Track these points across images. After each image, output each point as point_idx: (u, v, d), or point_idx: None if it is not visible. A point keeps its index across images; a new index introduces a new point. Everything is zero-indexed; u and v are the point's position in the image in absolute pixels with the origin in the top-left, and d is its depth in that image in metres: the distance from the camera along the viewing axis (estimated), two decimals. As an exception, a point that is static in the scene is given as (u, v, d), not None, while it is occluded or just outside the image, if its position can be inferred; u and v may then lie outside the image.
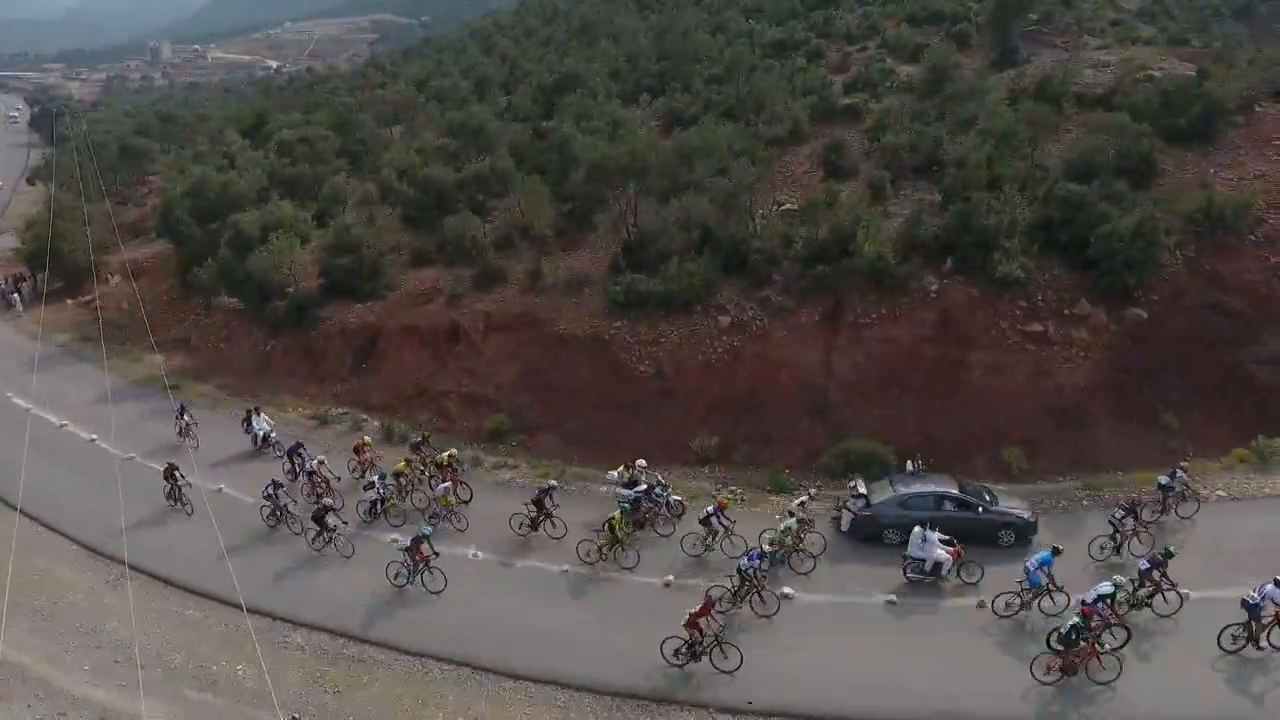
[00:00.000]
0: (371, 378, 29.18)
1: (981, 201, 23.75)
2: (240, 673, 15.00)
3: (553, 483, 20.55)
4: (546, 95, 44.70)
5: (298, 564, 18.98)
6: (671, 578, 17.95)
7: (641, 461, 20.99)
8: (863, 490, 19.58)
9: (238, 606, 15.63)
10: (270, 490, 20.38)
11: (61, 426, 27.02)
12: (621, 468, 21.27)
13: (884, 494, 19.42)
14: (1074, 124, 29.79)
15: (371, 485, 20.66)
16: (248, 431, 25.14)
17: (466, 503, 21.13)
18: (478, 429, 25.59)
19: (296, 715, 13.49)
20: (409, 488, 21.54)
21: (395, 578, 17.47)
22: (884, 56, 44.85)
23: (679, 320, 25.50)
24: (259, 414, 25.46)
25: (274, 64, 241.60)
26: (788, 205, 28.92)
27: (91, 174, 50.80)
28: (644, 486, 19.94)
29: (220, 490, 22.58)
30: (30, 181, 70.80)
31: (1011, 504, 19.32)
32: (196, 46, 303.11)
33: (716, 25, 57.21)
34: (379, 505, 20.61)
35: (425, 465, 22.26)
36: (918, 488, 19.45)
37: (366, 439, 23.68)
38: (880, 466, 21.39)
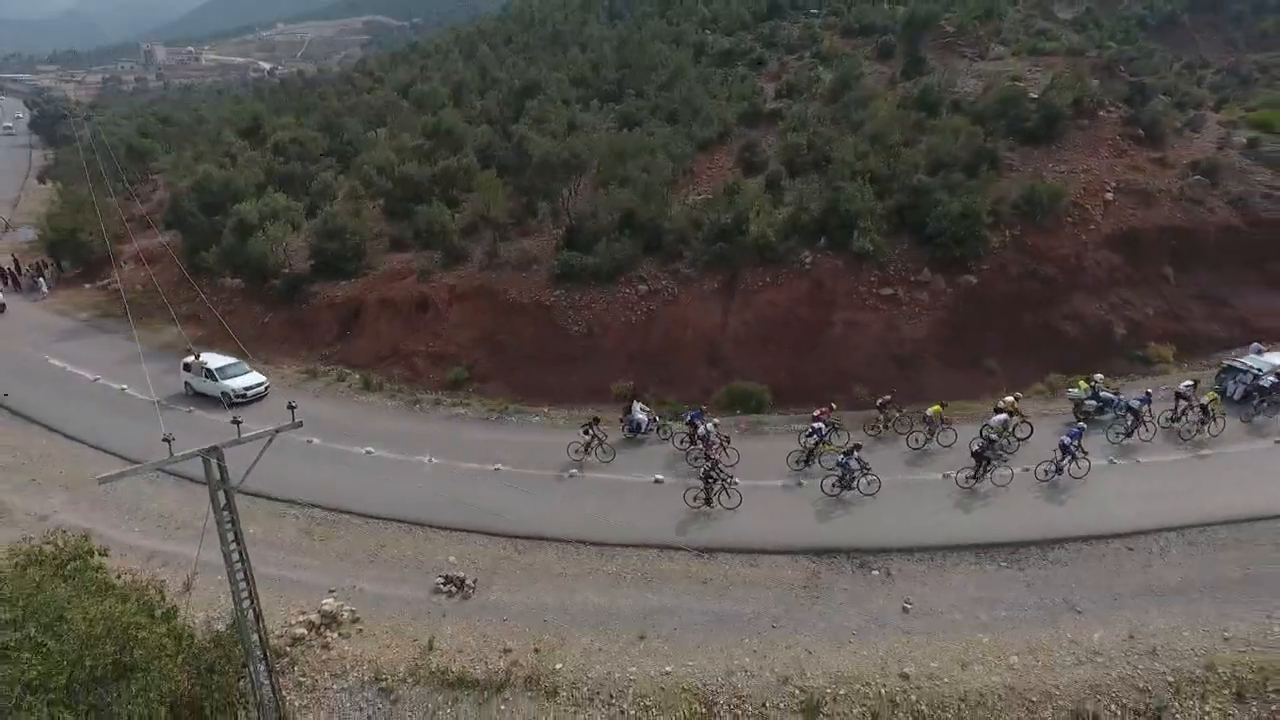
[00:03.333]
0: (354, 342, 34.57)
1: (846, 190, 29.35)
2: (251, 533, 20.39)
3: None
4: (515, 99, 50.16)
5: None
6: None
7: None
8: (1248, 364, 25.02)
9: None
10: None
11: (95, 380, 32.35)
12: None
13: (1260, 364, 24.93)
14: (942, 127, 35.39)
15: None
16: (625, 418, 25.66)
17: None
18: (441, 380, 31.01)
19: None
20: None
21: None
22: (815, 65, 50.49)
23: (606, 289, 31.01)
24: (636, 403, 26.06)
25: (267, 66, 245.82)
26: (703, 195, 34.48)
27: (102, 173, 55.97)
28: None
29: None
30: (41, 180, 75.89)
31: None
32: (190, 48, 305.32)
33: (675, 36, 62.58)
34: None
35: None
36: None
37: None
38: (758, 399, 27.02)
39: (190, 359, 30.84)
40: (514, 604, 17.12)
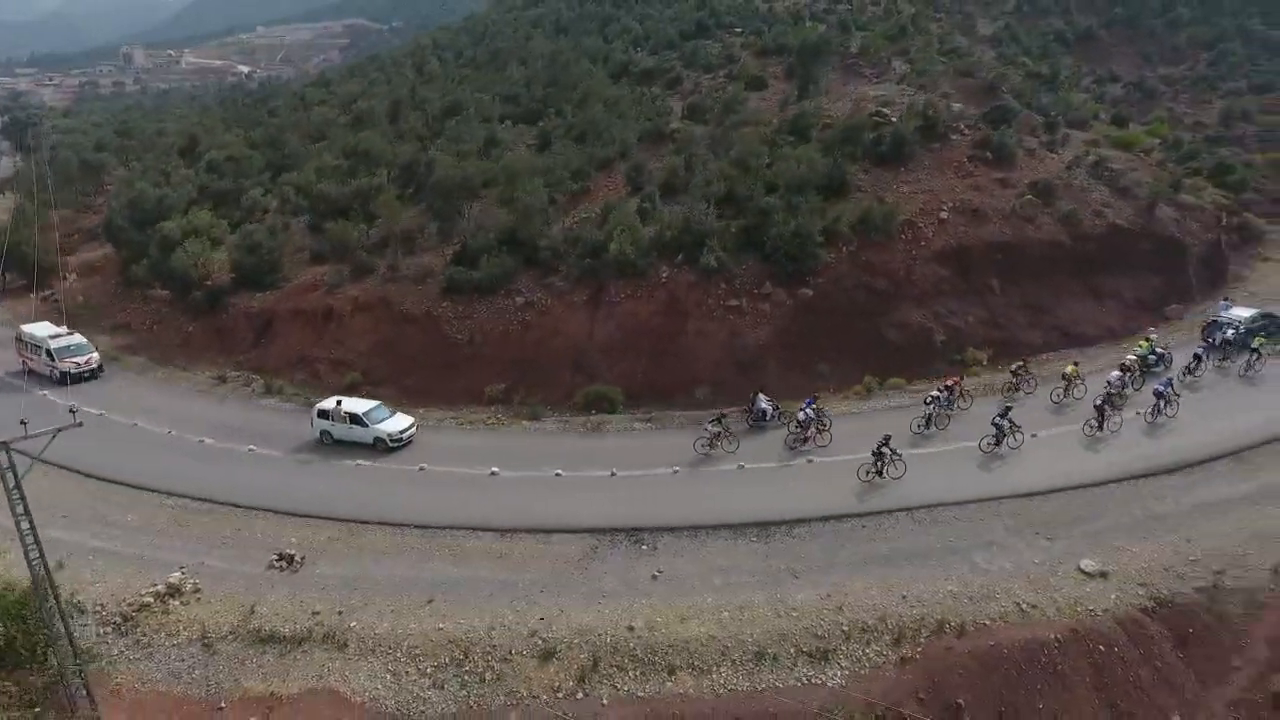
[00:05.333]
0: (267, 349, 37.59)
1: (695, 212, 32.59)
2: (130, 520, 23.47)
3: None
4: (440, 118, 53.20)
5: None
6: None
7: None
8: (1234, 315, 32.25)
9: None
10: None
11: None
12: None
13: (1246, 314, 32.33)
14: (787, 153, 38.32)
15: None
16: (751, 409, 28.20)
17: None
18: (338, 384, 34.04)
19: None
20: None
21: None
22: (725, 85, 53.65)
23: (488, 301, 34.14)
24: (759, 394, 28.39)
25: (245, 69, 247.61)
26: (588, 214, 37.65)
27: (52, 186, 58.73)
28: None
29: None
30: (0, 190, 78.45)
31: None
32: (170, 52, 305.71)
33: (604, 54, 65.64)
34: None
35: None
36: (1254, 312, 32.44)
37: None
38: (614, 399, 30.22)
39: (328, 405, 29.09)
40: (334, 576, 20.24)
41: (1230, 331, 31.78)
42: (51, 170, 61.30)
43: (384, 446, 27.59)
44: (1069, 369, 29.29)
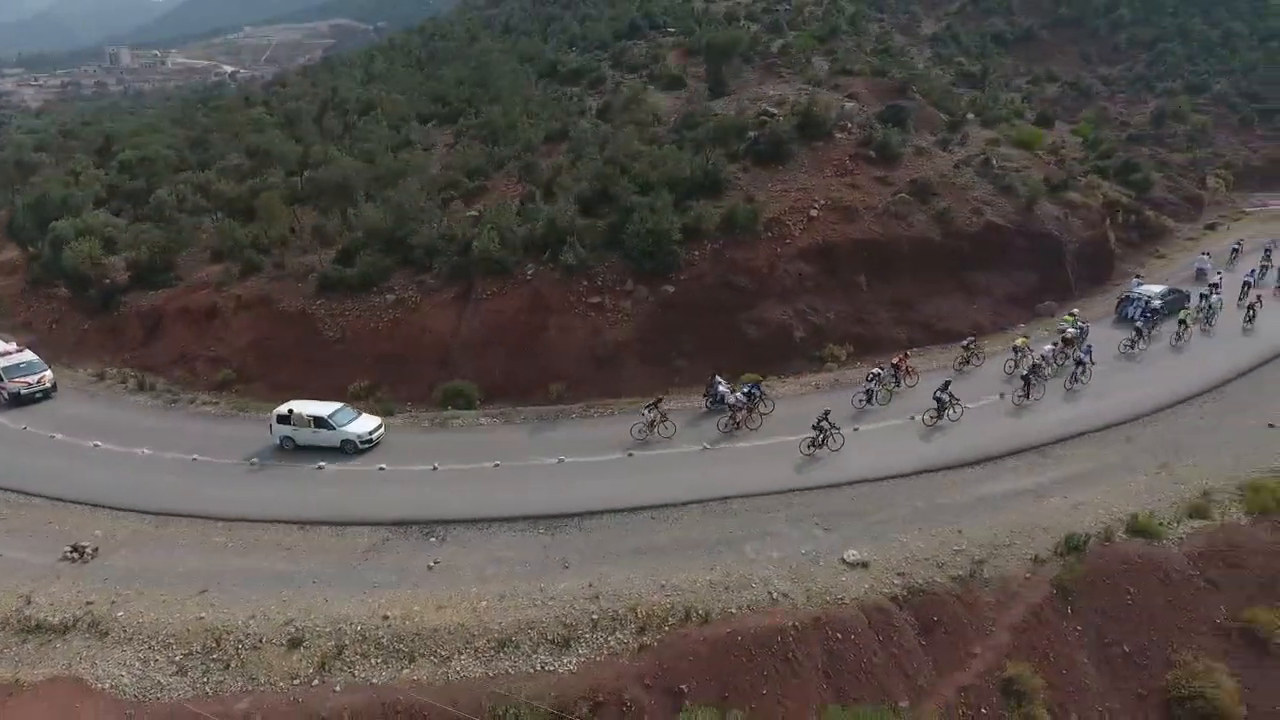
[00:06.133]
0: (153, 347, 37.94)
1: (558, 209, 32.95)
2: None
3: None
4: (357, 118, 53.61)
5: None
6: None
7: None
8: (1145, 291, 35.94)
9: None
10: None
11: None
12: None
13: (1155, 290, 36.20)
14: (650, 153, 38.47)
15: None
16: (709, 392, 28.74)
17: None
18: (212, 381, 34.39)
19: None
20: None
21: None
22: (646, 84, 54.03)
23: (361, 299, 34.49)
24: (716, 377, 28.89)
25: (229, 69, 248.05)
26: (467, 213, 38.00)
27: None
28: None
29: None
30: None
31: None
32: (155, 52, 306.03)
33: (537, 54, 66.05)
34: None
35: None
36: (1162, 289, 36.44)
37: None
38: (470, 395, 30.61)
39: (284, 410, 27.78)
40: (123, 567, 20.58)
41: (1138, 307, 35.19)
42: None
43: (353, 449, 26.75)
44: (1019, 341, 31.88)
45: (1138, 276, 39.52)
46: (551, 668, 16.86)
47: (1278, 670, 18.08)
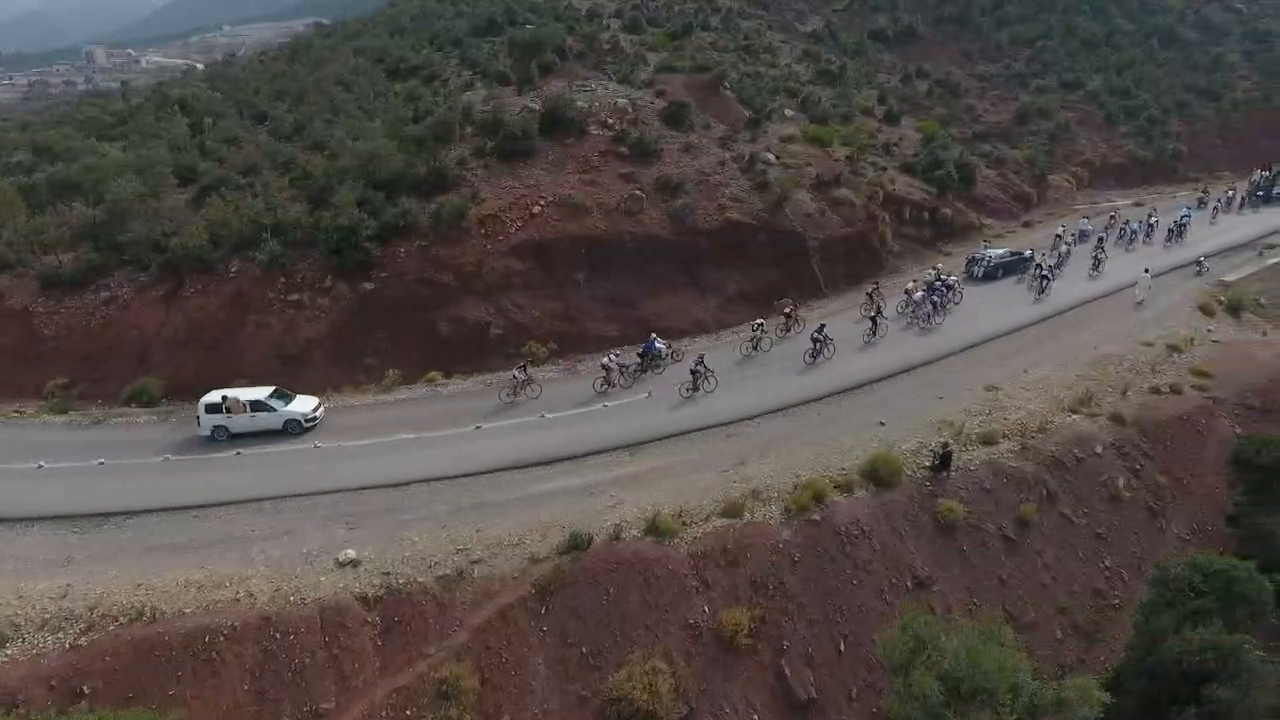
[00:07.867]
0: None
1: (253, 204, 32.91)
2: None
3: None
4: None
5: None
6: None
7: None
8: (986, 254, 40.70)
9: None
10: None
11: None
12: None
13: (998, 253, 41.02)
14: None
15: None
16: (644, 352, 30.73)
17: None
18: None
19: None
20: None
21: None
22: (473, 82, 53.76)
23: (77, 296, 34.37)
24: (654, 336, 31.45)
25: (201, 68, 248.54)
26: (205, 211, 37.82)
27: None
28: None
29: None
30: None
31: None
32: (130, 51, 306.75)
33: (382, 53, 65.59)
34: None
35: None
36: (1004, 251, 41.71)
37: None
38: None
39: (214, 398, 27.69)
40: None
41: (981, 266, 40.21)
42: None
43: (298, 429, 27.24)
44: (910, 284, 36.12)
45: (985, 242, 44.76)
46: (-30, 668, 16.71)
47: (722, 670, 17.81)
